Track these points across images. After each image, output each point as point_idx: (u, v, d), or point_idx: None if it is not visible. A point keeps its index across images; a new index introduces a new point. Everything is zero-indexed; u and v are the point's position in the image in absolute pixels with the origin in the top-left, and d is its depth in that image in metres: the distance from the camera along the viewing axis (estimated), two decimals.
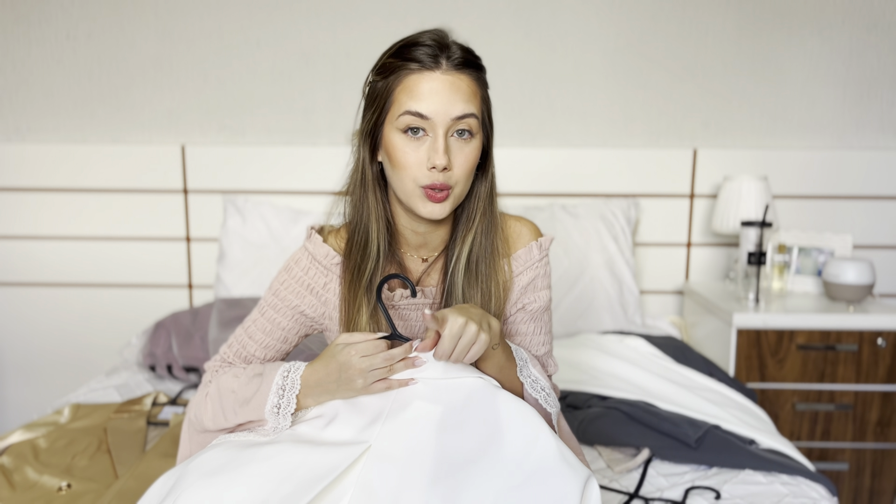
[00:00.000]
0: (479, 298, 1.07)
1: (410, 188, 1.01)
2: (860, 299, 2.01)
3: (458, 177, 1.01)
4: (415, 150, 0.99)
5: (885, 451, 1.99)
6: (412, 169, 0.99)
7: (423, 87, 0.98)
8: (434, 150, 0.98)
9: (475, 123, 1.01)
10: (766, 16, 2.29)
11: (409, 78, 0.99)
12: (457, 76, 0.99)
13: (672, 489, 1.31)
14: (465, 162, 1.01)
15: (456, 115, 0.98)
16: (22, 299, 2.43)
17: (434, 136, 0.99)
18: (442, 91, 0.98)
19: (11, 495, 1.28)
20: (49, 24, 2.32)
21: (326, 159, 2.32)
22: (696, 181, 2.34)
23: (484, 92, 1.04)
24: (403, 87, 0.99)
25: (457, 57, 0.99)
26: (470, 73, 1.01)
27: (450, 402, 0.95)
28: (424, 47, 0.99)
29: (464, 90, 0.99)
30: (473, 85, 1.01)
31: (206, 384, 1.13)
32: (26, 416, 2.49)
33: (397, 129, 1.00)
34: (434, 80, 0.98)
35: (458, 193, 1.02)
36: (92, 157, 2.35)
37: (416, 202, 1.01)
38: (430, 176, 0.99)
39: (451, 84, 0.98)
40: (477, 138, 1.02)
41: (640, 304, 2.26)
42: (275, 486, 0.88)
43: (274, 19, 2.31)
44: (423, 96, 0.98)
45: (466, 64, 1.00)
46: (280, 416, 1.01)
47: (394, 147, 1.01)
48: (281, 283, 1.12)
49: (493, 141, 1.08)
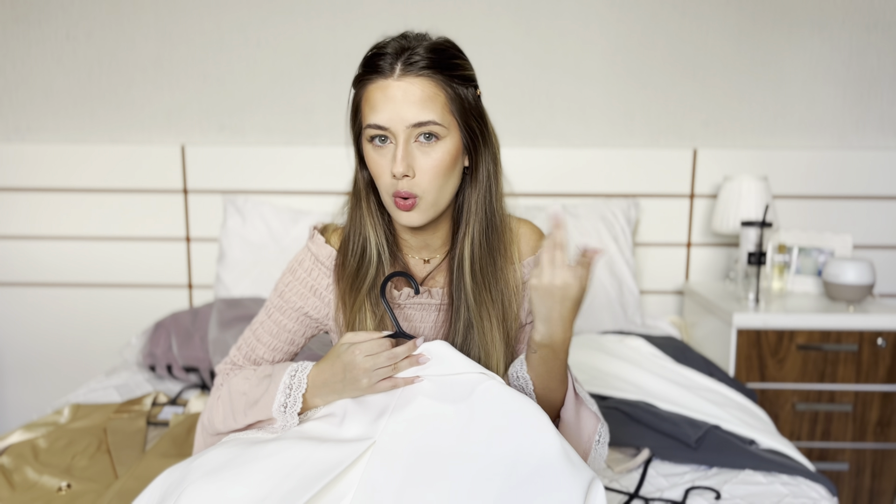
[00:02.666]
0: (489, 301, 1.06)
1: (387, 198, 1.02)
2: (860, 299, 2.01)
3: (424, 183, 0.98)
4: (381, 158, 0.99)
5: (885, 452, 1.99)
6: (383, 177, 1.00)
7: (377, 96, 0.97)
8: (393, 159, 0.98)
9: (437, 128, 0.98)
10: (766, 16, 2.29)
11: (368, 89, 0.99)
12: (410, 81, 0.96)
13: (672, 489, 1.30)
14: (431, 168, 0.98)
15: (411, 123, 0.96)
16: (22, 299, 2.43)
17: (395, 143, 0.98)
18: (396, 98, 0.96)
19: (11, 495, 1.28)
20: (49, 23, 2.32)
21: (326, 159, 2.32)
22: (696, 181, 2.34)
23: (451, 91, 0.99)
24: (365, 99, 1.00)
25: (415, 60, 0.96)
26: (430, 76, 0.97)
27: (454, 398, 0.95)
28: (387, 56, 0.97)
29: (418, 95, 0.96)
30: (432, 87, 0.97)
31: (217, 387, 1.14)
32: (26, 416, 2.49)
33: (367, 140, 1.00)
34: (388, 88, 0.97)
35: (431, 200, 1.00)
36: (92, 157, 2.35)
37: (393, 211, 1.02)
38: (394, 184, 0.99)
39: (405, 91, 0.96)
40: (447, 141, 0.99)
41: (640, 304, 2.26)
42: (278, 482, 0.88)
43: (274, 19, 2.31)
44: (380, 107, 0.97)
45: (427, 66, 0.97)
46: (287, 414, 1.02)
47: (367, 157, 1.02)
48: (286, 284, 1.12)
49: (488, 142, 1.05)
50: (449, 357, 0.99)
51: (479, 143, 1.04)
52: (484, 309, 1.05)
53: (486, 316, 1.05)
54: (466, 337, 1.06)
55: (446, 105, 0.99)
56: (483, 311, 1.05)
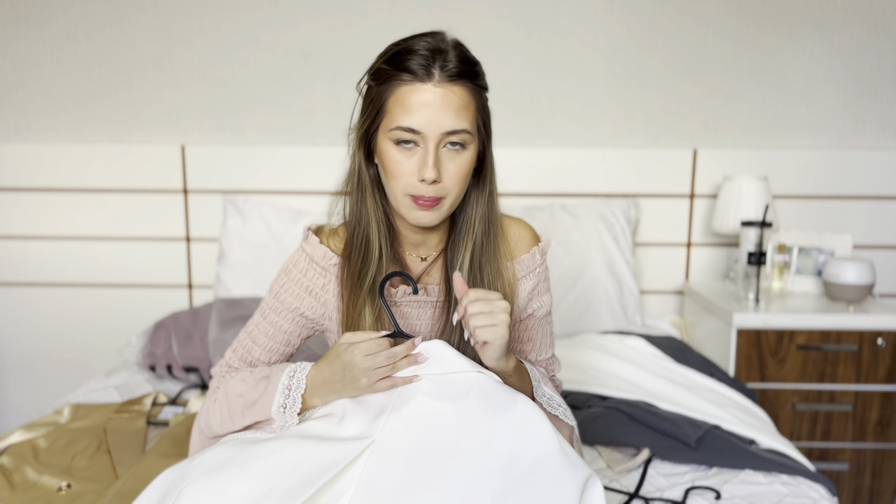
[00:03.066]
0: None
1: (400, 197, 1.01)
2: (860, 299, 2.01)
3: (450, 187, 1.00)
4: (406, 159, 0.99)
5: (885, 451, 1.99)
6: (403, 178, 0.99)
7: (413, 99, 0.97)
8: (424, 164, 0.97)
9: (467, 136, 0.99)
10: (766, 16, 2.29)
11: (401, 90, 0.97)
12: (449, 88, 0.97)
13: (672, 489, 1.31)
14: (457, 172, 1.00)
15: (447, 130, 0.97)
16: (21, 299, 2.43)
17: (425, 149, 0.98)
18: (433, 104, 0.96)
19: (11, 495, 1.28)
20: (49, 23, 2.32)
21: (326, 159, 2.32)
22: (696, 181, 2.34)
23: (480, 101, 1.02)
24: (396, 99, 0.98)
25: (451, 67, 0.97)
26: (464, 84, 0.98)
27: (452, 397, 0.95)
28: (418, 56, 0.97)
29: (455, 103, 0.97)
30: (467, 96, 0.99)
31: (213, 390, 1.13)
32: (26, 416, 2.49)
33: (389, 140, 1.00)
34: (426, 93, 0.96)
35: (451, 202, 1.02)
36: (92, 157, 2.35)
37: (405, 210, 1.02)
38: (419, 188, 0.99)
39: (443, 97, 0.96)
40: (471, 148, 1.01)
41: (640, 304, 2.26)
42: (277, 480, 0.88)
43: (274, 19, 2.31)
44: (414, 110, 0.96)
45: (461, 74, 0.98)
46: (286, 414, 1.02)
47: (386, 156, 1.00)
48: (280, 285, 1.12)
49: (491, 145, 1.07)
50: (447, 356, 0.99)
51: (487, 146, 1.06)
52: None
53: None
54: (464, 333, 1.06)
55: (475, 114, 1.01)
56: None
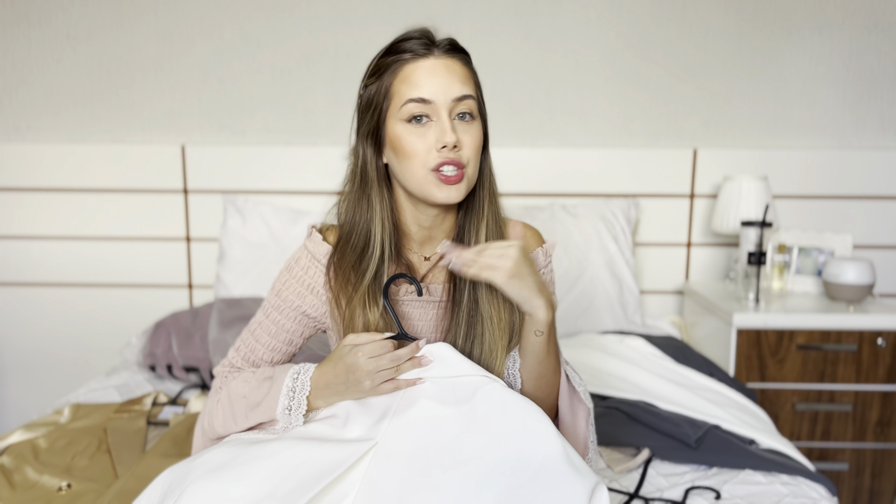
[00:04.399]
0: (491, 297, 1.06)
1: (422, 175, 1.00)
2: (860, 299, 2.01)
3: (469, 155, 1.02)
4: (421, 136, 1.00)
5: (885, 451, 1.99)
6: (422, 155, 1.00)
7: (420, 72, 1.00)
8: (442, 131, 0.99)
9: (474, 105, 1.03)
10: (766, 16, 2.29)
11: (405, 68, 1.01)
12: (449, 59, 1.02)
13: (672, 489, 1.31)
14: (472, 141, 1.02)
15: (456, 96, 1.00)
16: (22, 299, 2.43)
17: (438, 119, 1.00)
18: (439, 73, 1.00)
19: (11, 495, 1.28)
20: (49, 23, 2.32)
21: (326, 159, 2.32)
22: (696, 181, 2.34)
23: (476, 80, 1.06)
24: (401, 79, 1.01)
25: (446, 44, 1.03)
26: (461, 58, 1.04)
27: (456, 400, 0.95)
28: (413, 40, 1.02)
29: (458, 72, 1.02)
30: (466, 69, 1.04)
31: (216, 391, 1.13)
32: (26, 416, 2.49)
33: (401, 121, 1.01)
34: (430, 63, 1.01)
35: (471, 174, 1.03)
36: (92, 157, 2.35)
37: (430, 189, 1.01)
38: (441, 155, 0.99)
39: (447, 66, 1.01)
40: (478, 122, 1.04)
41: (640, 304, 2.26)
42: (279, 481, 0.88)
43: (274, 19, 2.31)
44: (422, 81, 1.00)
45: (456, 49, 1.04)
46: (291, 416, 1.01)
47: (400, 139, 1.01)
48: (283, 283, 1.12)
49: (488, 133, 1.08)
50: (451, 359, 0.99)
51: (486, 139, 1.07)
52: (485, 305, 1.05)
53: (488, 312, 1.05)
54: (469, 333, 1.06)
55: (475, 89, 1.05)
56: (485, 307, 1.05)
